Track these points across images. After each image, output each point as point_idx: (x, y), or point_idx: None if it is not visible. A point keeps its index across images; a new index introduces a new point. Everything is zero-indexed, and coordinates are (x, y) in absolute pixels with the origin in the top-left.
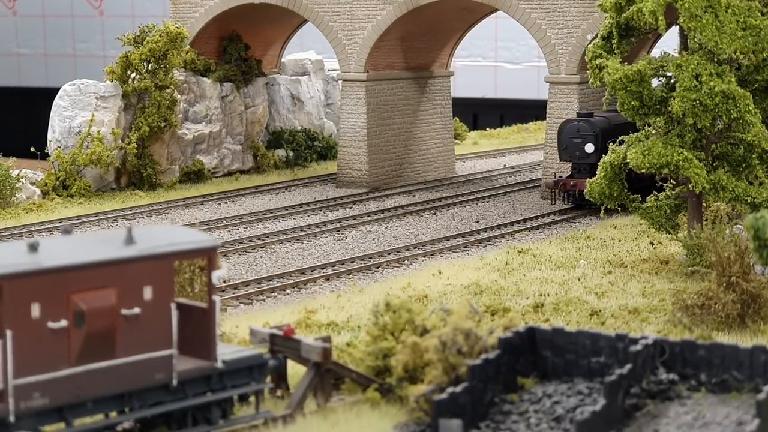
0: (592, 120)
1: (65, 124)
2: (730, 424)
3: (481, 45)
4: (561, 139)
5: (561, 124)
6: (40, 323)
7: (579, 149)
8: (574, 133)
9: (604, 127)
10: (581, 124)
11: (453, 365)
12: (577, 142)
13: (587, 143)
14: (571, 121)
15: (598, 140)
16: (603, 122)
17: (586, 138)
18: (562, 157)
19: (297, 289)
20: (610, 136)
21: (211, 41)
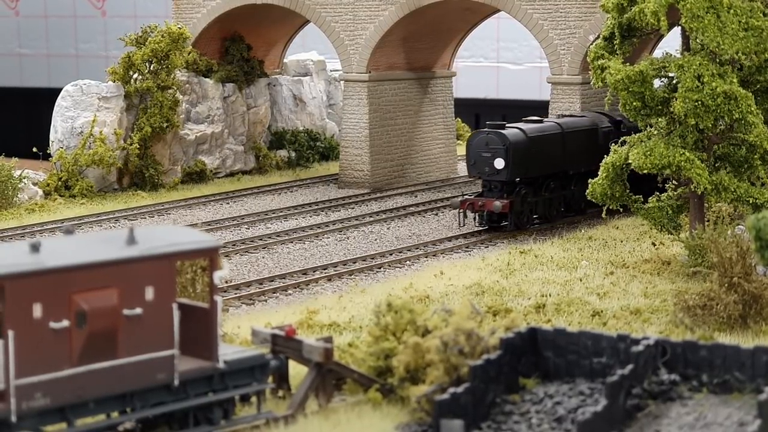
0: (503, 132)
1: (67, 125)
2: (731, 425)
3: (483, 45)
4: (469, 152)
5: (470, 136)
6: (41, 323)
7: (488, 165)
8: (483, 147)
9: (518, 140)
10: (490, 136)
11: (454, 366)
12: (486, 157)
13: (497, 158)
14: (479, 132)
15: (509, 155)
16: (516, 135)
17: (496, 152)
18: (471, 173)
19: (299, 290)
20: (525, 150)
21: (213, 42)
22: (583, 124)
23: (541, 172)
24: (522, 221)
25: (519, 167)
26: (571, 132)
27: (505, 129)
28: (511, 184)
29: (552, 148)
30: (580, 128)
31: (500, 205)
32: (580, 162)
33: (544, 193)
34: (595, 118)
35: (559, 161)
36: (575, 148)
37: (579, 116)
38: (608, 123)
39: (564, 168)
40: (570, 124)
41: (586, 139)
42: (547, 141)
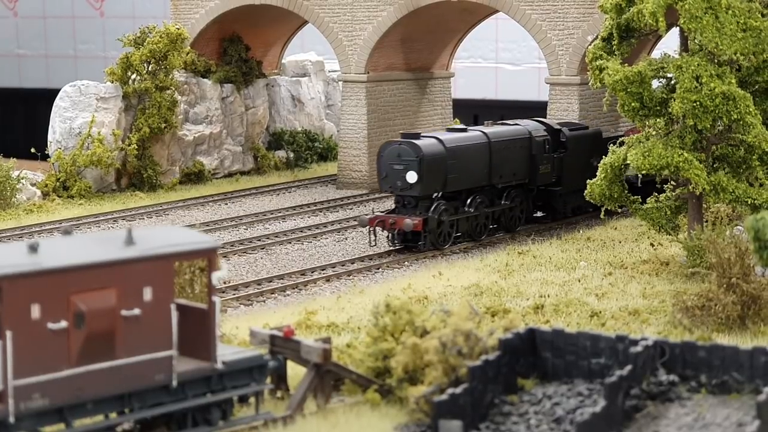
0: (416, 142)
1: (66, 125)
2: (730, 426)
3: (481, 46)
4: (380, 165)
5: (381, 146)
6: (40, 324)
7: (400, 178)
8: (395, 159)
9: (433, 151)
10: (402, 147)
11: (453, 366)
12: (398, 170)
13: (409, 171)
14: (391, 143)
15: (422, 167)
16: (431, 145)
17: (409, 165)
18: (382, 187)
19: (297, 290)
20: (441, 162)
21: (211, 42)
22: (514, 133)
23: (462, 186)
24: (439, 240)
25: (434, 181)
26: (498, 142)
27: (420, 139)
28: (427, 200)
29: (475, 160)
30: (510, 138)
31: (411, 224)
32: (510, 175)
33: (468, 209)
34: (531, 127)
35: (485, 174)
36: (504, 159)
37: (512, 125)
38: (544, 132)
39: (491, 181)
40: (498, 134)
41: (517, 149)
42: (469, 152)
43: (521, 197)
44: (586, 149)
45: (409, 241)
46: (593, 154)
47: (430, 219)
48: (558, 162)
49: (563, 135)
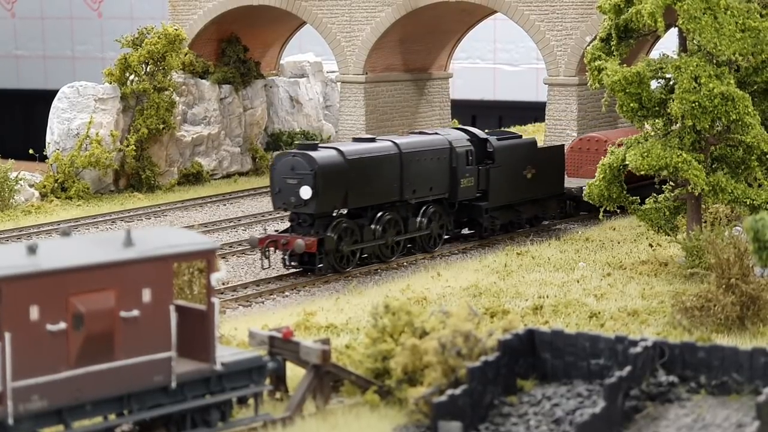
0: (311, 154)
1: (64, 126)
2: (729, 426)
3: (479, 47)
4: (273, 179)
5: (274, 157)
6: (38, 325)
7: (293, 193)
8: (288, 172)
9: (331, 163)
10: (296, 159)
11: (452, 367)
12: (291, 185)
13: (303, 186)
14: (284, 154)
15: (318, 181)
16: (329, 157)
17: (303, 179)
18: (275, 204)
19: (296, 291)
20: (341, 176)
21: (209, 43)
22: (431, 143)
23: (367, 203)
24: (341, 263)
25: (332, 197)
26: (411, 153)
27: (316, 150)
28: (325, 218)
29: (383, 173)
30: (426, 149)
31: (303, 244)
32: (425, 189)
33: (376, 226)
34: (453, 137)
35: (395, 188)
36: (418, 172)
37: (430, 134)
38: (467, 142)
39: (403, 197)
40: (411, 144)
41: (434, 161)
42: (376, 164)
43: (441, 214)
44: (518, 161)
45: (306, 263)
46: (526, 165)
47: (327, 239)
48: (484, 175)
49: (490, 145)
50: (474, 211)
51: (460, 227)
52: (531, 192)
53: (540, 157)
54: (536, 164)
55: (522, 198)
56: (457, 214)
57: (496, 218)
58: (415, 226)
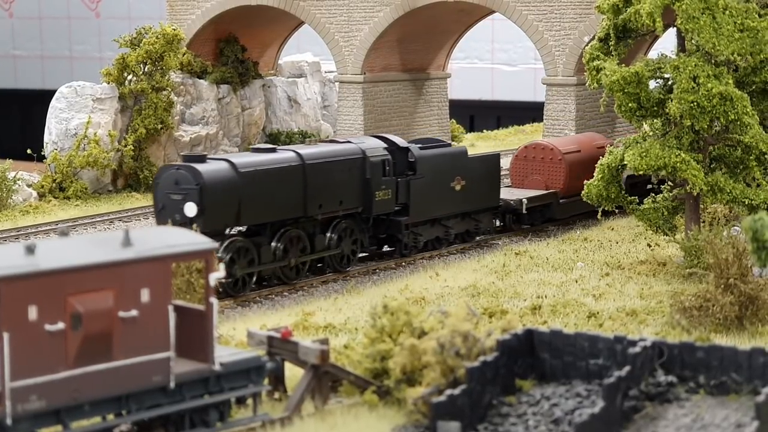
0: (196, 167)
1: (62, 126)
2: (728, 426)
3: (477, 47)
4: (156, 194)
5: (158, 170)
6: (37, 325)
7: (178, 210)
8: (172, 187)
9: (219, 177)
10: (181, 172)
11: (451, 367)
12: (175, 200)
13: (188, 202)
14: (168, 167)
15: (204, 197)
16: (217, 171)
17: (187, 194)
18: (159, 221)
19: (294, 291)
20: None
21: (207, 43)
22: (340, 153)
23: (265, 219)
24: (234, 287)
25: (222, 213)
26: (317, 164)
27: (204, 162)
28: (215, 237)
29: (283, 187)
30: (334, 159)
31: None
32: (334, 203)
33: (276, 245)
34: (368, 145)
35: (298, 203)
36: (325, 185)
37: (342, 142)
38: (384, 151)
39: (307, 212)
40: (317, 155)
41: (344, 172)
42: (274, 177)
43: (354, 230)
44: (445, 171)
45: None
46: (455, 176)
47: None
48: (404, 187)
49: (411, 155)
50: (393, 227)
51: (379, 244)
52: (460, 205)
53: (471, 167)
54: (466, 175)
55: (450, 212)
56: (374, 230)
57: (419, 234)
58: (323, 243)
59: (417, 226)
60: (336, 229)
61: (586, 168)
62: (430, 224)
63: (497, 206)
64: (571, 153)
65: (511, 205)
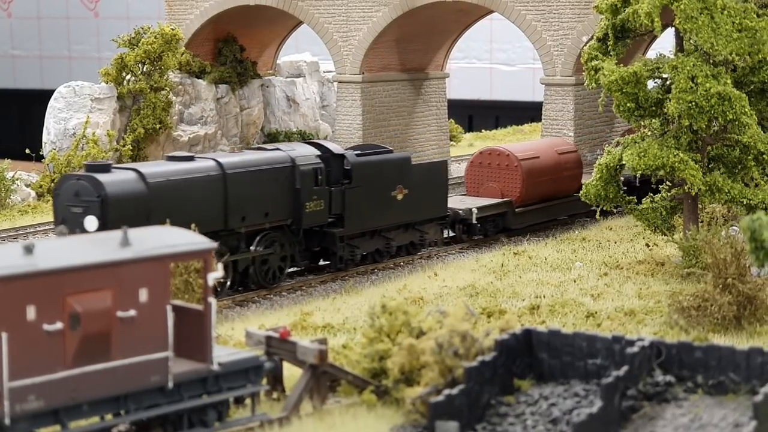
0: (100, 178)
1: (60, 126)
2: (726, 426)
3: (476, 47)
4: (56, 206)
5: (58, 180)
6: (35, 325)
7: (79, 225)
8: (72, 198)
9: (125, 189)
10: (81, 182)
11: (449, 367)
12: (76, 214)
13: (88, 215)
14: (69, 177)
15: (106, 211)
16: (122, 182)
17: (88, 207)
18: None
19: (292, 291)
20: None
21: (206, 43)
22: (266, 161)
23: None
24: None
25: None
26: (239, 174)
27: (109, 172)
28: None
29: (201, 199)
30: (259, 168)
31: None
32: (259, 215)
33: None
34: (298, 153)
35: (218, 216)
36: (249, 196)
37: (270, 150)
38: (317, 159)
39: (228, 226)
40: (239, 164)
41: (271, 182)
42: (189, 188)
43: (282, 243)
44: (385, 180)
45: None
46: (396, 185)
47: None
48: (338, 197)
49: (347, 162)
50: (327, 239)
51: (315, 258)
52: (402, 216)
53: (415, 174)
54: (410, 183)
55: (390, 223)
56: (306, 243)
57: (356, 247)
58: (247, 258)
59: (354, 239)
60: (261, 243)
61: (545, 175)
62: (369, 236)
63: (444, 216)
64: (528, 159)
65: (459, 215)
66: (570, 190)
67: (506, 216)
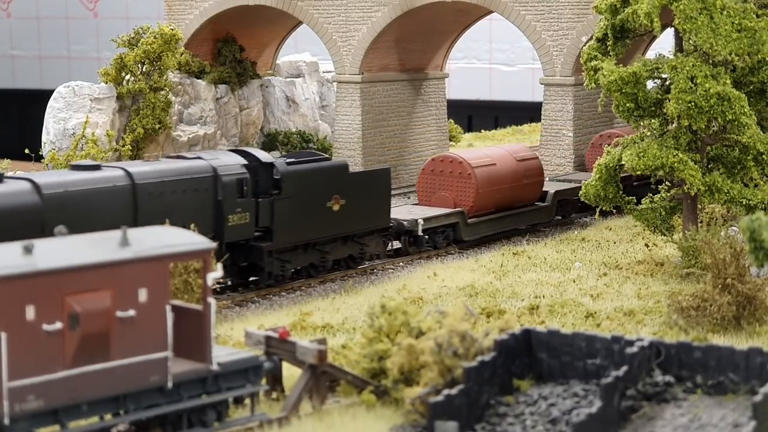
0: None
1: (59, 126)
2: (726, 426)
3: (475, 47)
4: None
5: None
6: (34, 325)
7: None
8: None
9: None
10: None
11: (449, 367)
12: None
13: None
14: None
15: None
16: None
17: None
18: None
19: (292, 291)
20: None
21: (205, 43)
22: (184, 171)
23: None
24: None
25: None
26: (150, 184)
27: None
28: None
29: (107, 211)
30: (175, 178)
31: None
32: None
33: None
34: (220, 162)
35: None
36: (163, 208)
37: (190, 158)
38: (242, 168)
39: None
40: (151, 174)
41: (188, 194)
42: (91, 200)
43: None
44: (319, 189)
45: None
46: (332, 195)
47: None
48: (266, 208)
49: (277, 171)
50: (254, 254)
51: (242, 273)
52: (339, 227)
53: (353, 184)
54: (347, 193)
55: (326, 235)
56: (231, 258)
57: (286, 261)
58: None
59: (284, 253)
60: None
61: (502, 183)
62: (301, 250)
63: (387, 228)
64: (483, 166)
65: (404, 226)
66: (530, 198)
67: (458, 227)
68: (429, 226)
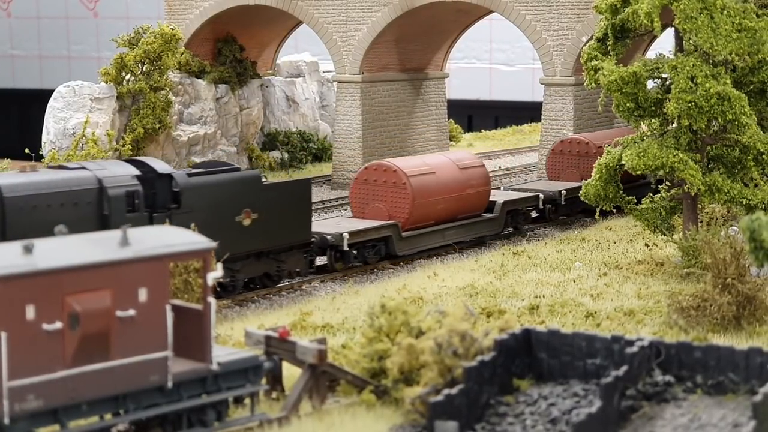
0: None
1: (60, 126)
2: (726, 426)
3: (475, 47)
4: None
5: None
6: (34, 325)
7: None
8: None
9: None
10: None
11: (449, 367)
12: None
13: None
14: None
15: None
16: None
17: None
18: None
19: (292, 291)
20: None
21: (205, 43)
22: (63, 183)
23: None
24: None
25: None
26: (21, 198)
27: None
28: None
29: None
30: (52, 191)
31: None
32: None
33: None
34: (107, 173)
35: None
36: (37, 225)
37: (73, 168)
38: (133, 180)
39: None
40: (23, 186)
41: (67, 208)
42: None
43: None
44: (226, 203)
45: None
46: (241, 209)
47: None
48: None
49: (176, 183)
50: None
51: None
52: (250, 244)
53: (267, 197)
54: (260, 206)
55: (234, 252)
56: None
57: None
58: None
59: None
60: None
61: (442, 193)
62: None
63: (308, 243)
64: (420, 175)
65: (328, 241)
66: (475, 209)
67: (391, 241)
68: (357, 240)
